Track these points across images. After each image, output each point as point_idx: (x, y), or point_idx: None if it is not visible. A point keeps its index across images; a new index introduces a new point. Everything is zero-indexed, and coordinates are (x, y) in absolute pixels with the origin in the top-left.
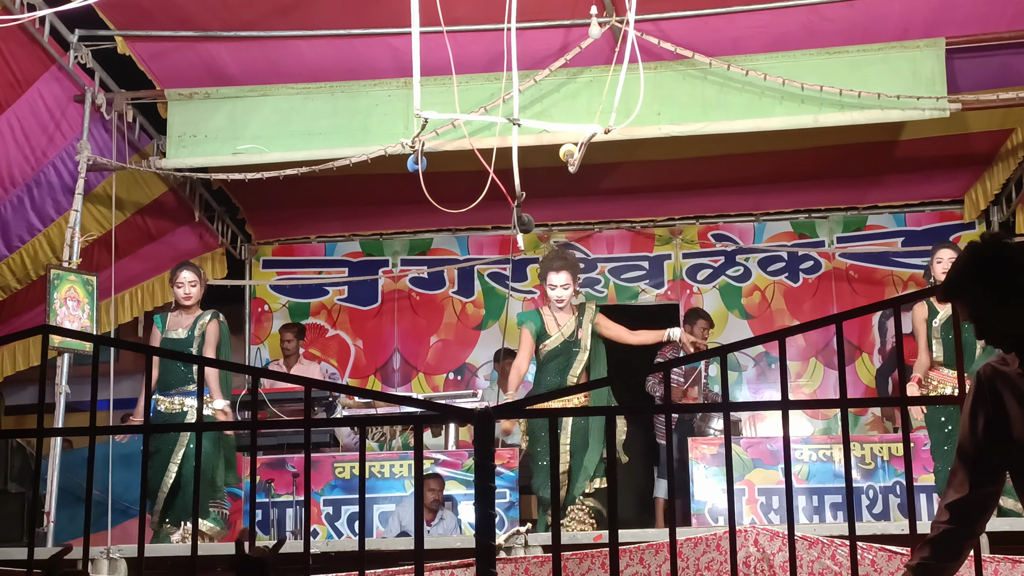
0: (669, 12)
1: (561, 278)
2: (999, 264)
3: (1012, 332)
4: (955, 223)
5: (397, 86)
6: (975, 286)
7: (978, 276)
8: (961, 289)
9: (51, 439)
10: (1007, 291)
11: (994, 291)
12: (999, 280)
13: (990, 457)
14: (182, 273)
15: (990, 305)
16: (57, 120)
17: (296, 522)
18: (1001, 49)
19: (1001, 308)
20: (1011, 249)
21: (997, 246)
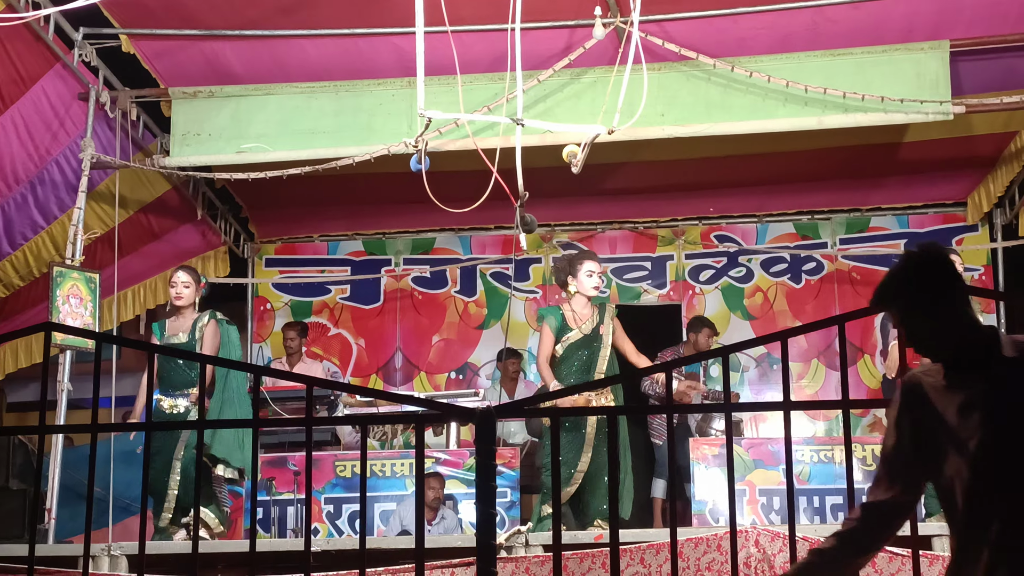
0: (673, 13)
1: (597, 266)
2: (931, 274)
3: (939, 343)
4: (958, 225)
5: (401, 85)
6: (906, 295)
7: (909, 285)
8: (892, 297)
9: (53, 436)
10: (937, 301)
11: (924, 301)
12: (929, 290)
13: (911, 466)
14: (177, 274)
15: (920, 315)
16: (61, 118)
17: (297, 520)
18: (1005, 52)
19: (930, 318)
20: (945, 259)
21: (931, 256)
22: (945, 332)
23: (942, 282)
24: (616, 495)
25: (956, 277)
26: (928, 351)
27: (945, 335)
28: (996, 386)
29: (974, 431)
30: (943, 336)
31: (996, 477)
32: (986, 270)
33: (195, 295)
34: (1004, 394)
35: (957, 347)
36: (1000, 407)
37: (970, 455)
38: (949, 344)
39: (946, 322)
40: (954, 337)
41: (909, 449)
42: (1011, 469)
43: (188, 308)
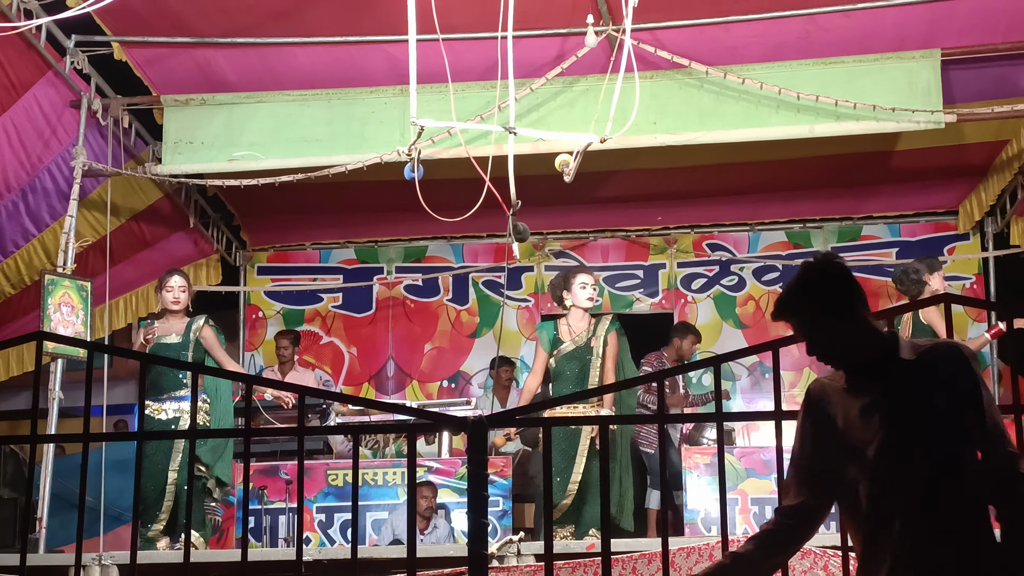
0: (665, 21)
1: (590, 278)
2: (829, 284)
3: (839, 351)
4: (950, 234)
5: (393, 94)
6: (806, 305)
7: (808, 296)
8: (793, 309)
9: (44, 445)
10: (836, 311)
11: (824, 311)
12: (829, 300)
13: (818, 471)
14: (173, 278)
15: (820, 324)
16: (53, 125)
17: (289, 529)
18: (996, 61)
19: (830, 328)
20: (842, 269)
21: (829, 266)
22: (845, 340)
23: (840, 291)
24: (608, 504)
25: (854, 286)
26: (829, 359)
27: (845, 343)
28: (894, 390)
29: (874, 435)
30: (843, 344)
31: (896, 479)
32: (977, 279)
33: (189, 299)
34: (901, 398)
35: (857, 354)
36: (897, 411)
37: (871, 458)
38: (849, 351)
39: (845, 330)
40: (854, 344)
41: (814, 454)
42: (910, 471)
43: (181, 312)
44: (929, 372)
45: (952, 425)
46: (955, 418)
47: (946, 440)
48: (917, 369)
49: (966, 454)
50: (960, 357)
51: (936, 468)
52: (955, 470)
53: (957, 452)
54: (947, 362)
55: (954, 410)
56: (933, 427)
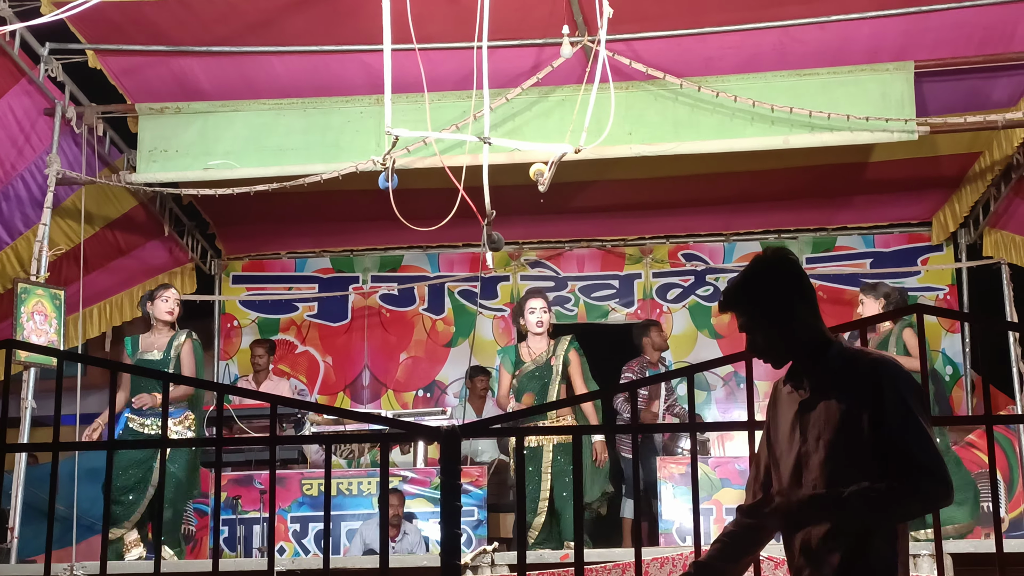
0: (641, 32)
1: (539, 302)
2: (775, 281)
3: (777, 350)
4: (923, 245)
5: (369, 103)
6: (748, 300)
7: (752, 290)
8: (736, 302)
9: (16, 454)
10: (777, 308)
11: (765, 307)
12: (770, 296)
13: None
14: (170, 290)
15: (760, 320)
16: (27, 133)
17: (263, 539)
18: (970, 73)
19: (769, 324)
20: (791, 267)
21: (778, 262)
22: (784, 339)
23: (786, 289)
24: (581, 514)
25: (800, 285)
26: (767, 357)
27: (784, 342)
28: (814, 396)
29: (792, 438)
30: (781, 343)
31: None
32: (951, 290)
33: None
34: (814, 405)
35: (787, 353)
36: (810, 416)
37: (787, 462)
38: (786, 351)
39: (786, 329)
40: (792, 345)
41: (767, 452)
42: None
43: (167, 325)
44: (842, 381)
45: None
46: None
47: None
48: (835, 376)
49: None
50: (873, 371)
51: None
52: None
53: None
54: (859, 374)
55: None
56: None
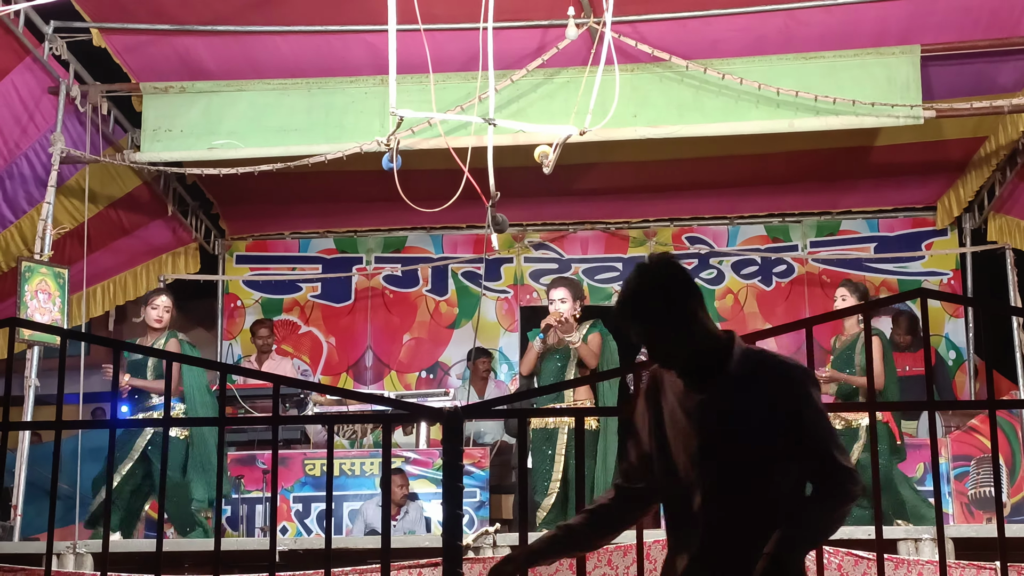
0: (646, 14)
1: (559, 292)
2: (665, 288)
3: (676, 354)
4: (928, 229)
5: (374, 83)
6: (646, 310)
7: (648, 300)
8: (633, 314)
9: (19, 432)
10: (675, 314)
11: (663, 315)
12: (667, 304)
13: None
14: (160, 297)
15: (657, 327)
16: (31, 111)
17: (265, 518)
18: (976, 57)
19: (666, 330)
20: (678, 272)
21: (664, 269)
22: (681, 343)
23: (680, 294)
24: (583, 496)
25: (690, 289)
26: (666, 361)
27: (681, 346)
28: (719, 397)
29: (692, 436)
30: (679, 347)
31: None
32: (955, 274)
33: (171, 320)
34: (723, 406)
35: (691, 357)
36: (717, 418)
37: (685, 457)
38: (685, 354)
39: (682, 333)
40: (689, 347)
41: (648, 441)
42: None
43: (160, 330)
44: (754, 383)
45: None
46: (769, 430)
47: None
48: (745, 378)
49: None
50: (785, 373)
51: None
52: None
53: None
54: (772, 376)
55: (770, 421)
56: (744, 439)
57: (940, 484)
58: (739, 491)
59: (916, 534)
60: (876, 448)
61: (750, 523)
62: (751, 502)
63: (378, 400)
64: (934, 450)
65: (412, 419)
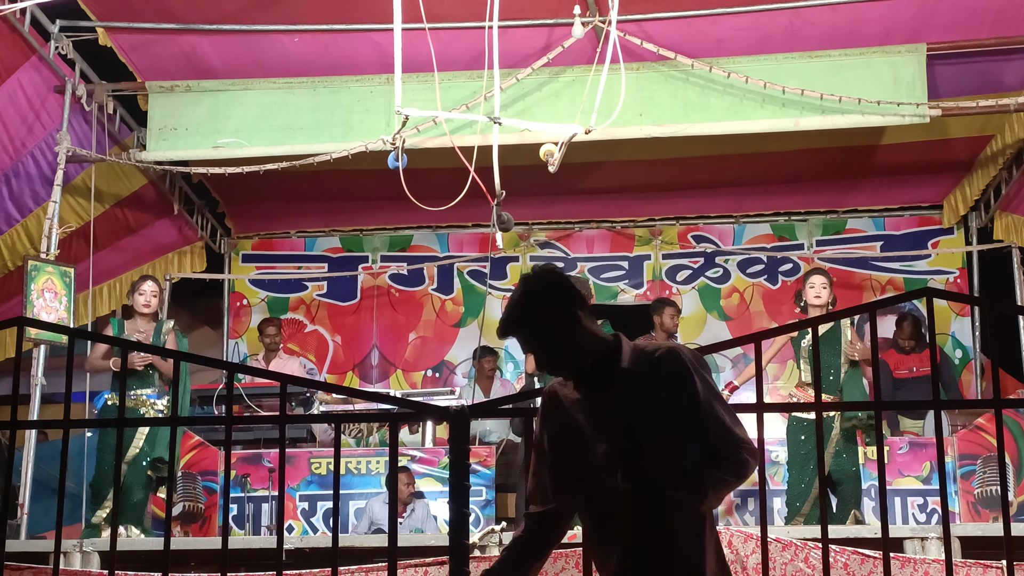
0: (652, 13)
1: None
2: (550, 299)
3: (566, 363)
4: (934, 228)
5: (379, 82)
6: (533, 322)
7: (535, 312)
8: (517, 326)
9: (26, 431)
10: (559, 324)
11: (548, 325)
12: (550, 314)
13: (558, 478)
14: (145, 283)
15: (545, 338)
16: (37, 110)
17: (272, 517)
18: (982, 56)
19: (554, 341)
20: (561, 282)
21: (548, 280)
22: (570, 352)
23: (561, 304)
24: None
25: (575, 297)
26: (557, 371)
27: (570, 354)
28: (619, 396)
29: (601, 439)
30: (569, 356)
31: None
32: (961, 273)
33: (159, 304)
34: (625, 403)
35: (583, 364)
36: (622, 415)
37: (599, 461)
38: (575, 362)
39: (570, 342)
40: (579, 355)
41: (553, 461)
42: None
43: (149, 315)
44: (649, 376)
45: (668, 428)
46: (671, 421)
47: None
48: (639, 374)
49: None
50: (676, 359)
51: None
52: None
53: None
54: (664, 365)
55: (670, 414)
56: (650, 432)
57: (946, 483)
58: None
59: (923, 533)
60: (881, 447)
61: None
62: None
63: (384, 399)
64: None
65: (418, 418)
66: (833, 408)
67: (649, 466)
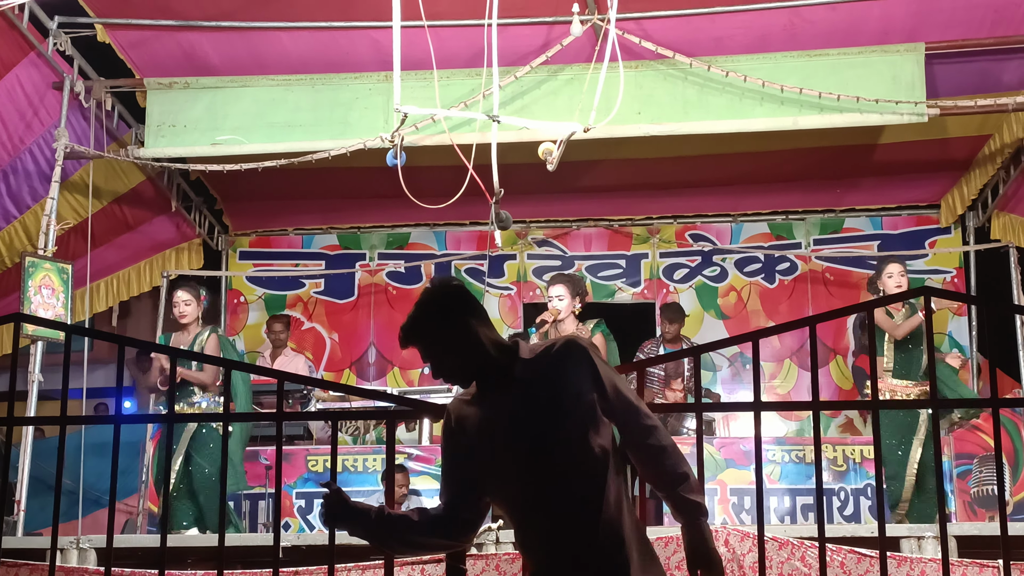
0: (651, 11)
1: (557, 290)
2: (446, 308)
3: (465, 371)
4: (931, 227)
5: (378, 80)
6: (428, 331)
7: (431, 323)
8: (416, 336)
9: (23, 427)
10: (456, 332)
11: (445, 334)
12: (447, 324)
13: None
14: (176, 293)
15: (442, 348)
16: (35, 107)
17: (268, 514)
18: (980, 55)
19: (452, 349)
20: (456, 291)
21: (444, 290)
22: (468, 359)
23: (461, 313)
24: None
25: (470, 305)
26: (451, 379)
27: (469, 362)
28: (520, 397)
29: (510, 440)
30: (467, 364)
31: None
32: (958, 272)
33: (197, 311)
34: (528, 402)
35: (482, 370)
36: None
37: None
38: (474, 369)
39: (468, 350)
40: (477, 362)
41: (463, 472)
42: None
43: (192, 323)
44: (549, 372)
45: (577, 416)
46: (579, 408)
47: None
48: (538, 370)
49: (595, 439)
50: (574, 351)
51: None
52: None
53: (585, 439)
54: (562, 359)
55: (576, 401)
56: (560, 422)
57: (943, 482)
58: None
59: (919, 532)
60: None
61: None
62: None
63: (381, 396)
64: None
65: (415, 415)
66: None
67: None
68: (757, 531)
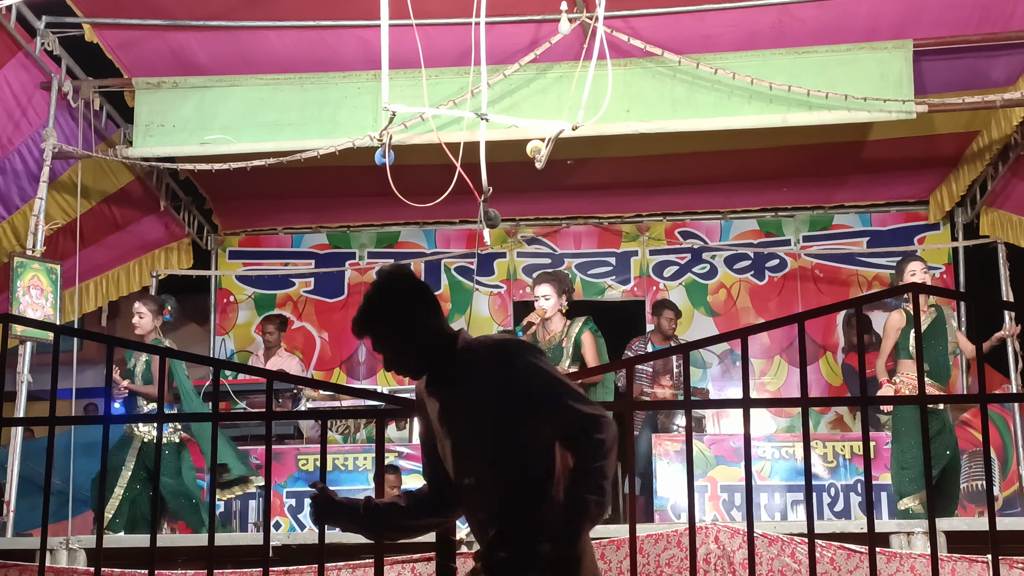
0: (639, 9)
1: (543, 289)
2: (395, 300)
3: (412, 361)
4: (920, 224)
5: (367, 79)
6: (379, 321)
7: (378, 313)
8: (366, 326)
9: (12, 428)
10: (404, 323)
11: (395, 325)
12: (396, 315)
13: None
14: (135, 304)
15: (394, 338)
16: (23, 107)
17: (259, 514)
18: (968, 52)
19: (402, 340)
20: (405, 280)
21: (393, 280)
22: (416, 350)
23: (407, 304)
24: None
25: (419, 295)
26: (400, 370)
27: (417, 352)
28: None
29: (447, 431)
30: (415, 354)
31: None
32: (947, 268)
33: (154, 323)
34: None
35: (423, 364)
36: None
37: (450, 452)
38: (415, 362)
39: (415, 340)
40: (424, 352)
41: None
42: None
43: (149, 334)
44: (477, 373)
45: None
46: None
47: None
48: (468, 371)
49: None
50: (504, 350)
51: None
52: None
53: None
54: (492, 358)
55: (506, 397)
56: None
57: (931, 478)
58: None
59: (909, 527)
60: (867, 441)
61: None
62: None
63: (371, 395)
64: (926, 444)
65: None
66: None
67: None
68: (747, 528)
